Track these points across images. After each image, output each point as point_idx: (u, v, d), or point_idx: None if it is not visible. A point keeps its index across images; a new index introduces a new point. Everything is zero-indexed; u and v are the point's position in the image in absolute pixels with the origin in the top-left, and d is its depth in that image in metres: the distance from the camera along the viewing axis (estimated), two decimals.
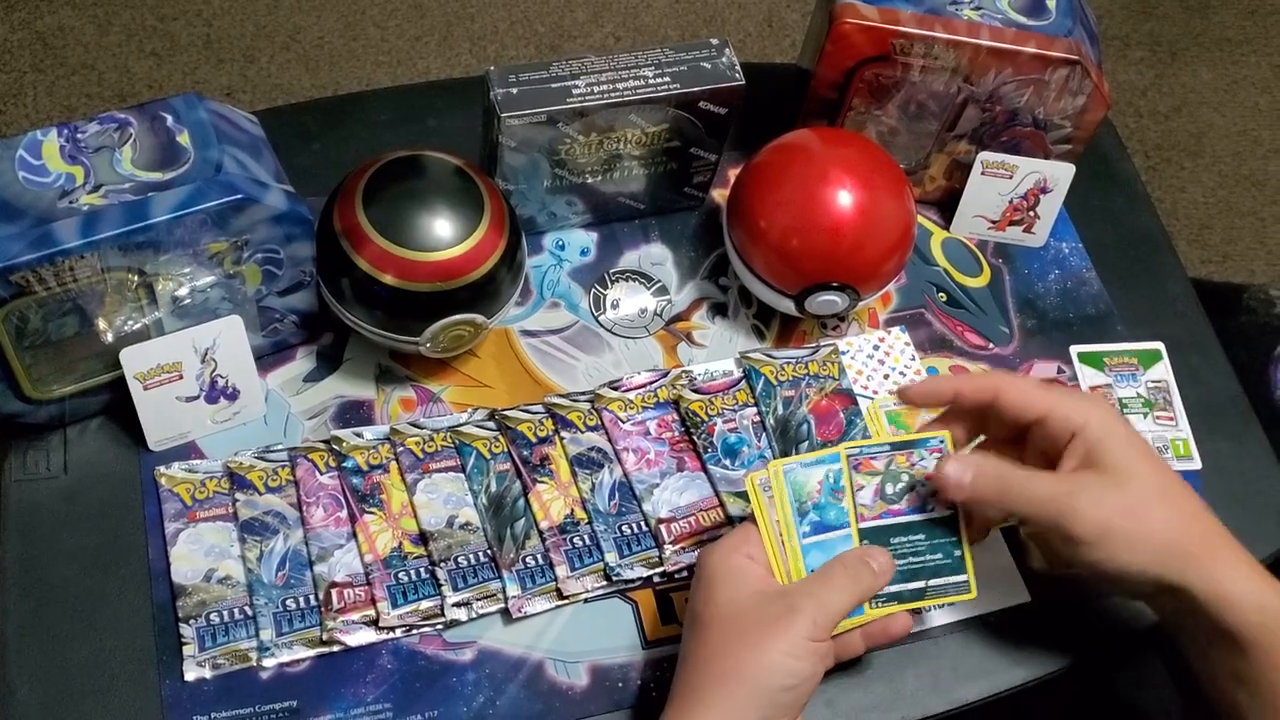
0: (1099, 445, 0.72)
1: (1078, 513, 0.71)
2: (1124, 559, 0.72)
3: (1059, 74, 0.88)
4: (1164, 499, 0.73)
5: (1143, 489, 0.72)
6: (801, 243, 0.86)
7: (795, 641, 0.68)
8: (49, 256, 0.69)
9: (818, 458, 0.75)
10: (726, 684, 0.68)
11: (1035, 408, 0.74)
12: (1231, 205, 2.08)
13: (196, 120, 0.75)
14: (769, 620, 0.69)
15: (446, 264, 0.79)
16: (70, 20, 2.00)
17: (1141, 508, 0.72)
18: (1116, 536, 0.71)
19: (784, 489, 0.74)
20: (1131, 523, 0.71)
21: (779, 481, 0.74)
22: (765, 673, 0.68)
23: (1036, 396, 0.74)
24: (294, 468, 0.82)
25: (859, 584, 0.72)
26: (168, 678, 0.75)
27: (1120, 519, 0.71)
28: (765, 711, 0.68)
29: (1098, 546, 0.71)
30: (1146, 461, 0.73)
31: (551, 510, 0.82)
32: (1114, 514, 0.71)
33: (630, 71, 0.85)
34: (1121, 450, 0.72)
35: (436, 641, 0.78)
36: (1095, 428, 0.73)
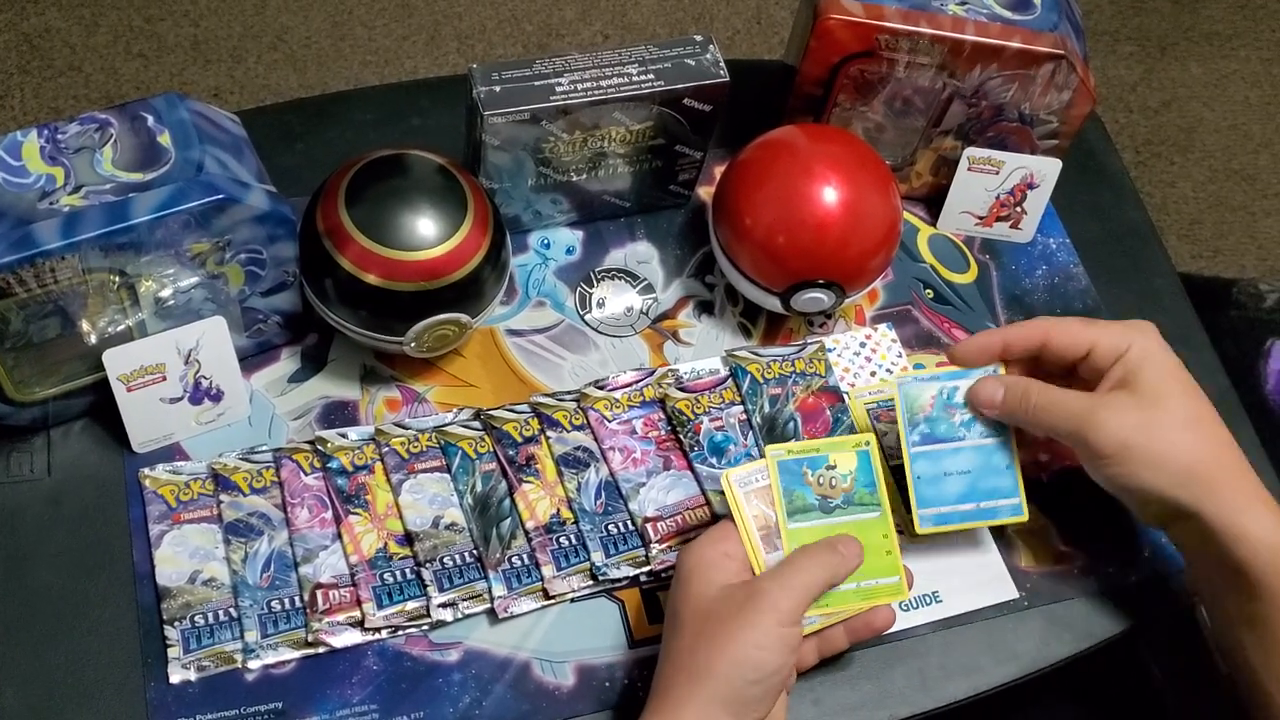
0: (1136, 368, 0.74)
1: (1099, 427, 0.73)
2: (1142, 477, 0.73)
3: (1045, 69, 0.88)
4: (1192, 425, 0.74)
5: (1171, 413, 0.74)
6: (787, 240, 0.85)
7: (760, 630, 0.68)
8: (29, 258, 0.69)
9: (933, 374, 0.80)
10: (694, 683, 0.68)
11: (1082, 342, 0.77)
12: (1221, 200, 2.09)
13: (177, 120, 0.75)
14: (733, 611, 0.69)
15: (430, 263, 0.79)
16: (56, 21, 2.00)
17: (1166, 430, 0.73)
18: (1135, 454, 0.73)
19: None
20: (1153, 442, 0.73)
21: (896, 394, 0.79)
22: (731, 668, 0.67)
23: (1082, 331, 0.77)
24: (279, 469, 0.81)
25: (824, 566, 0.71)
26: (152, 680, 0.74)
27: (1141, 437, 0.73)
28: (734, 708, 0.68)
29: (1116, 461, 0.73)
30: (1181, 387, 0.75)
31: (537, 510, 0.82)
32: (1135, 431, 0.73)
33: (614, 69, 0.85)
34: (1156, 374, 0.74)
35: (422, 642, 0.78)
36: (1136, 351, 0.75)
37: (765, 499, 0.75)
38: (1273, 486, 0.91)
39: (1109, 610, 0.84)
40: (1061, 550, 0.86)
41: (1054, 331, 0.78)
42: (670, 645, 0.71)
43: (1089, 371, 0.78)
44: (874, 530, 0.76)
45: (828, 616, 0.75)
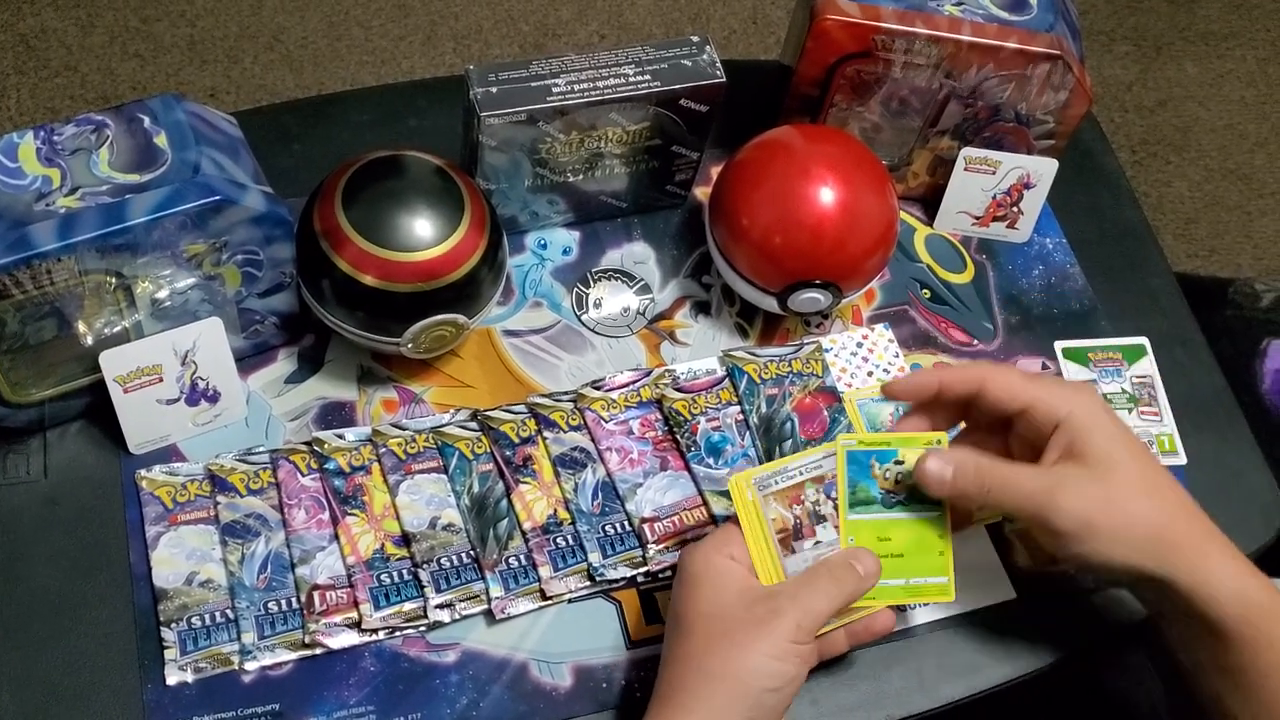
0: (1081, 436, 0.72)
1: (1059, 507, 0.71)
2: (1106, 552, 0.71)
3: (1041, 69, 0.88)
4: (1147, 491, 0.72)
5: (1125, 481, 0.72)
6: (784, 240, 0.85)
7: (778, 644, 0.68)
8: (25, 259, 0.69)
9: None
10: (710, 684, 0.68)
11: (1019, 399, 0.74)
12: (1217, 199, 2.09)
13: (174, 121, 0.75)
14: (752, 622, 0.69)
15: (427, 264, 0.79)
16: (53, 22, 1.99)
17: (1124, 500, 0.71)
18: (1098, 529, 0.71)
19: None
20: (1114, 515, 0.71)
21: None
22: (748, 674, 0.67)
23: (1020, 387, 0.74)
24: (275, 470, 0.81)
25: (844, 587, 0.71)
26: (149, 682, 0.74)
27: (1102, 512, 0.71)
28: (749, 713, 0.68)
29: (1080, 540, 0.71)
30: (1130, 452, 0.73)
31: (534, 511, 0.82)
32: (1095, 507, 0.71)
33: (611, 69, 0.85)
34: (1104, 441, 0.72)
35: (419, 643, 0.78)
36: (1078, 418, 0.72)
37: (786, 501, 0.74)
38: (1270, 486, 0.92)
39: (1105, 610, 0.84)
40: None
41: (991, 384, 0.75)
42: (676, 648, 0.70)
43: (1025, 428, 0.75)
44: (931, 529, 0.75)
45: (868, 607, 0.74)
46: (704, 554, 0.72)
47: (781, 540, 0.73)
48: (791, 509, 0.74)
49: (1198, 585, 0.71)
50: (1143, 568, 0.71)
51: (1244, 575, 0.71)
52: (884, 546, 0.74)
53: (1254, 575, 0.72)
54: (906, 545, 0.75)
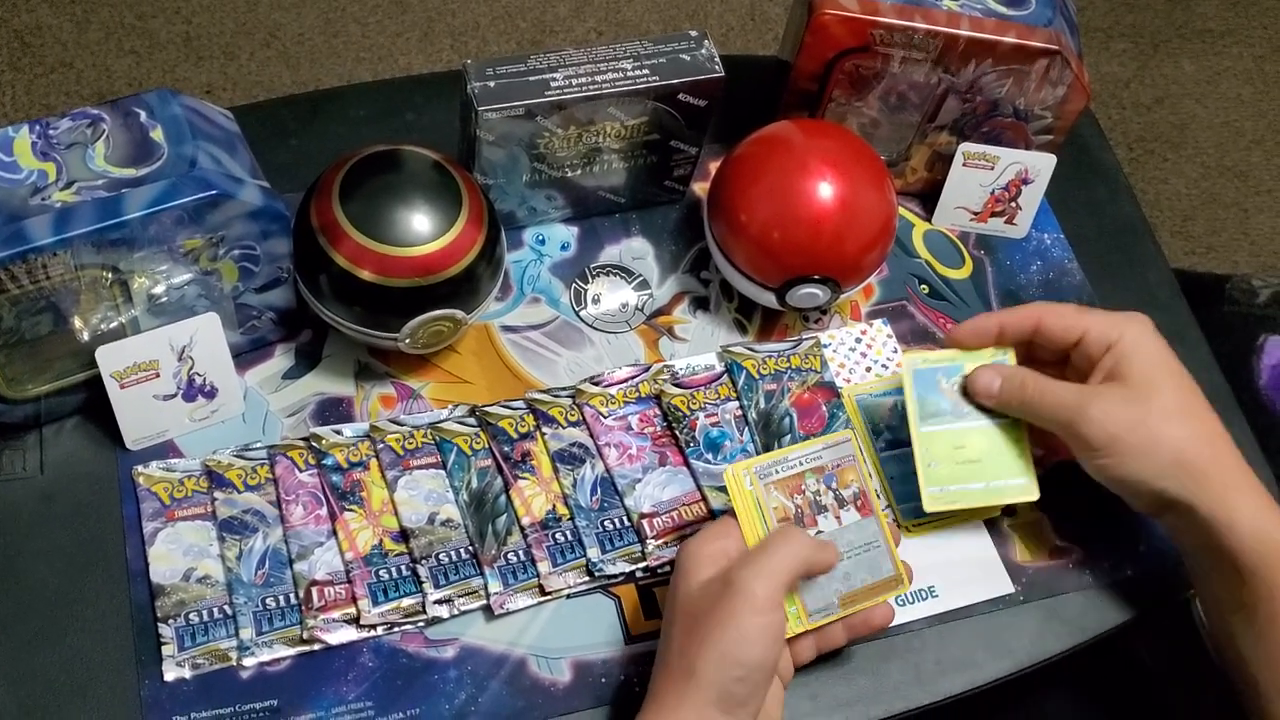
0: (1126, 359, 0.75)
1: (1089, 420, 0.74)
2: (1131, 468, 0.74)
3: (1039, 64, 0.88)
4: (1181, 416, 0.75)
5: (1160, 404, 0.74)
6: (782, 235, 0.85)
7: (741, 625, 0.67)
8: (21, 254, 0.69)
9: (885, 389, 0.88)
10: (684, 684, 0.68)
11: (1074, 329, 0.78)
12: (1214, 196, 2.09)
13: (170, 116, 0.75)
14: (711, 605, 0.68)
15: (425, 259, 0.79)
16: (48, 18, 1.99)
17: (1156, 422, 0.74)
18: (1125, 447, 0.74)
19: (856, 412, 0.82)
20: (1142, 435, 0.74)
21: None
22: (716, 669, 0.67)
23: (1075, 318, 0.78)
24: (273, 466, 0.81)
25: (798, 549, 0.70)
26: (147, 678, 0.74)
27: (1130, 430, 0.74)
28: (725, 706, 0.67)
29: (1106, 453, 0.74)
30: (1172, 378, 0.76)
31: (533, 506, 0.82)
32: (1125, 424, 0.74)
33: (609, 64, 0.85)
34: (1147, 365, 0.75)
35: (418, 639, 0.78)
36: (1126, 342, 0.76)
37: (787, 490, 0.75)
38: (1267, 480, 0.91)
39: (1105, 604, 0.84)
40: (1057, 544, 0.86)
41: (1047, 317, 0.79)
42: (662, 645, 0.71)
43: (1081, 359, 0.78)
44: (1006, 434, 0.79)
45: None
46: (692, 546, 0.72)
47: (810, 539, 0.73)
48: (792, 498, 0.75)
49: (1219, 516, 0.72)
50: (1165, 491, 0.73)
51: (1267, 513, 0.73)
52: (959, 454, 0.80)
53: (1277, 516, 0.73)
54: (982, 451, 0.80)
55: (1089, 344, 0.77)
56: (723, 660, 0.67)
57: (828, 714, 0.79)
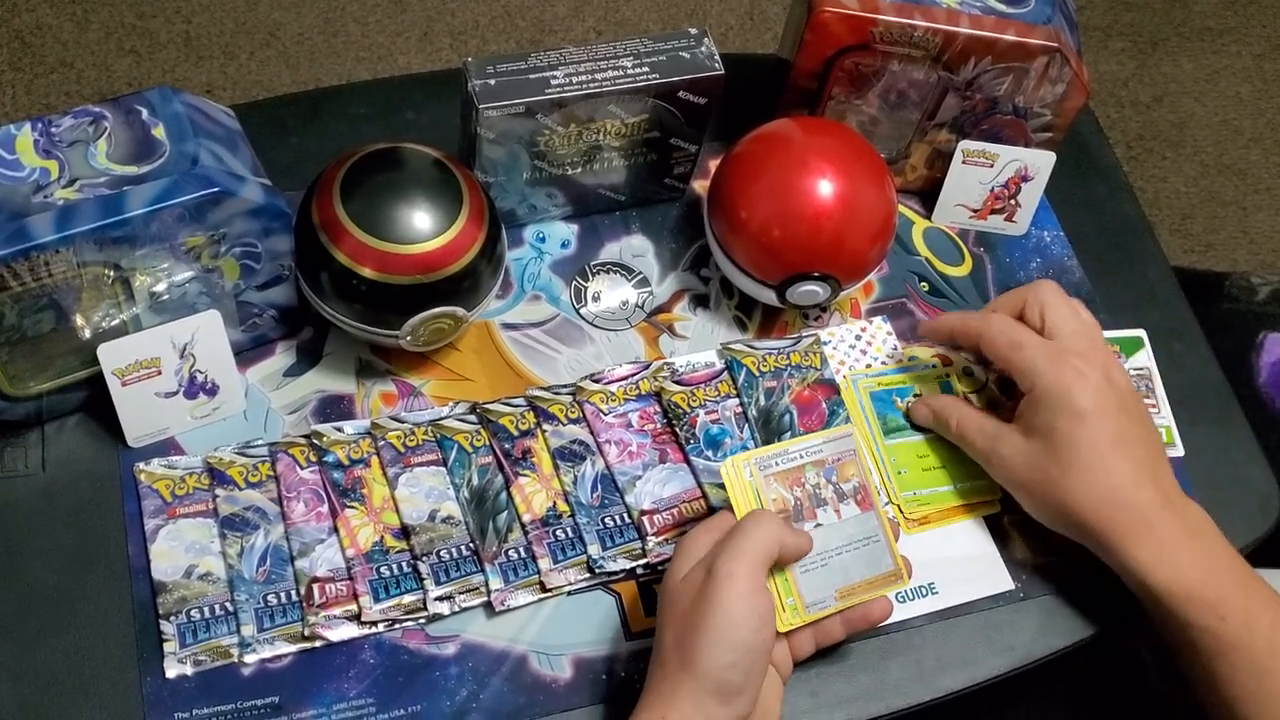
0: (1037, 407, 0.79)
1: (998, 460, 0.81)
2: (1039, 514, 0.80)
3: (1038, 61, 0.88)
4: (1079, 472, 0.77)
5: (1061, 460, 0.77)
6: (782, 233, 0.85)
7: (724, 606, 0.67)
8: (23, 251, 0.69)
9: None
10: (678, 675, 0.68)
11: (1003, 360, 0.82)
12: (1213, 195, 2.09)
13: (172, 114, 0.75)
14: (694, 593, 0.69)
15: (426, 256, 0.79)
16: (48, 18, 1.99)
17: (1054, 478, 0.78)
18: (1026, 495, 0.80)
19: None
20: (1041, 490, 0.79)
21: None
22: (709, 656, 0.67)
23: (1004, 349, 0.81)
24: (274, 463, 0.81)
25: (774, 525, 0.70)
26: (149, 675, 0.74)
27: (1030, 482, 0.79)
28: (721, 695, 0.67)
29: (1015, 494, 0.81)
30: (1088, 434, 0.77)
31: (534, 503, 0.82)
32: (1024, 474, 0.79)
33: (609, 62, 0.85)
34: (1059, 417, 0.77)
35: (419, 635, 0.78)
36: (1039, 392, 0.79)
37: (787, 483, 0.75)
38: (1268, 478, 0.92)
39: (1105, 601, 0.84)
40: (1057, 541, 0.86)
41: (983, 341, 0.82)
42: (657, 639, 0.71)
43: None
44: None
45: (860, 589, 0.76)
46: (686, 540, 0.73)
47: (784, 520, 0.74)
48: (792, 490, 0.75)
49: (1129, 568, 0.76)
50: (1075, 537, 0.79)
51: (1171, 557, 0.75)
52: (925, 462, 0.87)
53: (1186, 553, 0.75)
54: (945, 459, 0.87)
55: (1016, 376, 0.81)
56: (713, 648, 0.67)
57: (829, 711, 0.79)
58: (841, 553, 0.75)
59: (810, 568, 0.75)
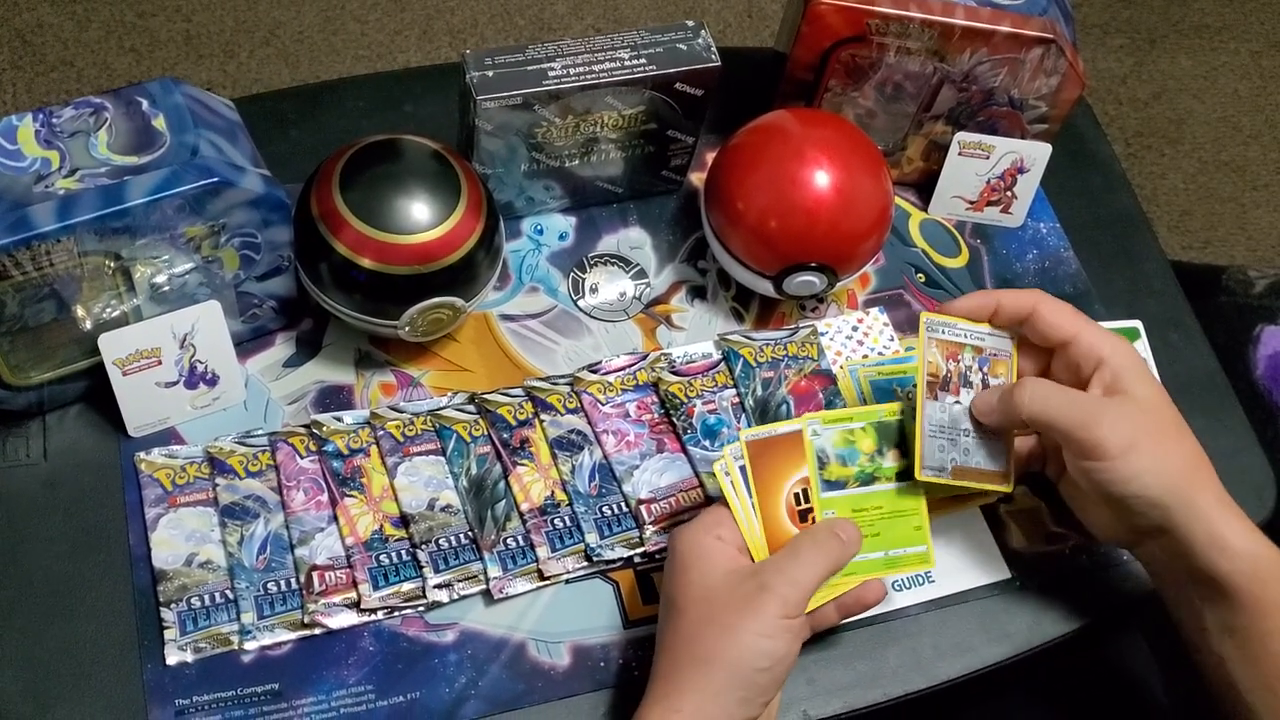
0: (1124, 374, 0.75)
1: (1111, 424, 0.73)
2: (1141, 478, 0.73)
3: (1034, 53, 0.89)
4: (1179, 435, 0.75)
5: (1162, 420, 0.75)
6: (779, 223, 0.86)
7: (767, 621, 0.68)
8: (25, 240, 0.69)
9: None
10: (703, 669, 0.68)
11: (1066, 329, 0.77)
12: (1212, 191, 2.09)
13: (172, 105, 0.75)
14: (740, 601, 0.69)
15: (424, 247, 0.79)
16: (49, 17, 2.00)
17: (1161, 435, 0.74)
18: (1141, 453, 0.73)
19: None
20: (1155, 445, 0.73)
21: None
22: (740, 654, 0.68)
23: (1069, 319, 0.77)
24: (274, 452, 0.82)
25: (828, 557, 0.72)
26: (149, 662, 0.75)
27: (1146, 439, 0.73)
28: (743, 693, 0.68)
29: (1121, 461, 0.73)
30: (1164, 399, 0.76)
31: (532, 492, 0.82)
32: (1143, 429, 0.73)
33: (606, 54, 0.85)
34: (1143, 383, 0.75)
35: (418, 623, 0.78)
36: (1120, 357, 0.76)
37: (945, 352, 0.77)
38: (1263, 466, 0.92)
39: (1100, 590, 0.85)
40: (1053, 531, 0.87)
41: (1043, 309, 0.78)
42: (670, 632, 0.71)
43: (1066, 365, 0.78)
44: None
45: (846, 582, 0.76)
46: (692, 535, 0.73)
47: (930, 385, 0.76)
48: (948, 362, 0.77)
49: (1214, 536, 0.72)
50: (1165, 505, 0.73)
51: (1253, 535, 0.73)
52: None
53: (1261, 536, 0.73)
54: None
55: (1078, 351, 0.76)
56: (748, 650, 0.68)
57: (826, 698, 0.79)
58: (970, 435, 0.77)
59: (938, 436, 0.76)
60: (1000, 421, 0.77)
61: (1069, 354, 0.77)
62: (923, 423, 0.77)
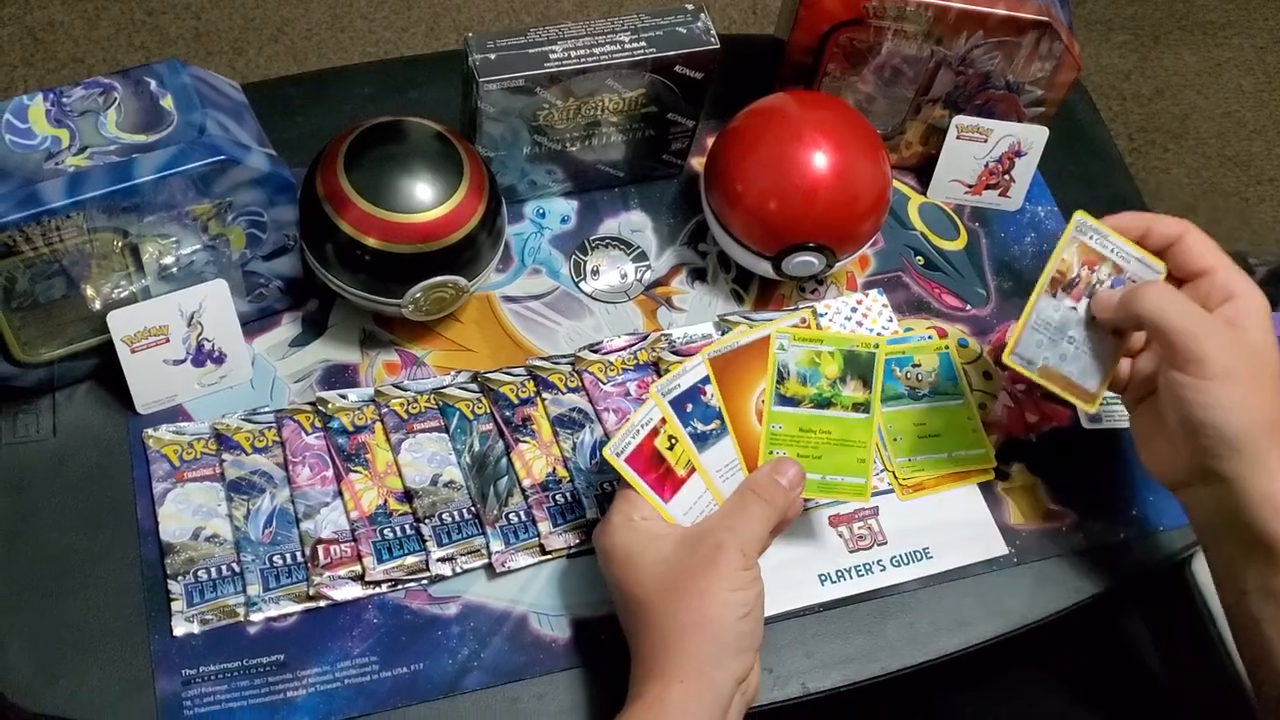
0: (1247, 315, 0.75)
1: (1221, 345, 0.73)
2: (1226, 408, 0.72)
3: (1030, 36, 0.90)
4: (1275, 389, 0.74)
5: (1266, 367, 0.75)
6: (778, 204, 0.87)
7: (732, 576, 0.70)
8: (35, 216, 0.70)
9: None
10: (690, 637, 0.69)
11: (1208, 259, 0.78)
12: (1215, 186, 2.10)
13: (180, 85, 0.76)
14: (703, 563, 0.71)
15: (428, 226, 0.80)
16: (60, 15, 2.01)
17: (1260, 380, 0.73)
18: (1236, 384, 0.72)
19: None
20: (1251, 384, 0.73)
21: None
22: (720, 612, 0.69)
23: (1213, 252, 0.79)
24: (280, 429, 0.83)
25: (774, 503, 0.74)
26: (156, 633, 0.76)
27: (1247, 374, 0.73)
28: (734, 645, 0.69)
29: (1216, 382, 0.72)
30: (1273, 353, 0.75)
31: (534, 468, 0.83)
32: (1244, 361, 0.73)
33: (607, 36, 0.86)
34: (1262, 331, 0.75)
35: (422, 596, 0.79)
36: (1251, 300, 0.76)
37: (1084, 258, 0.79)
38: None
39: (1097, 566, 0.86)
40: (1050, 508, 0.87)
41: (1191, 236, 0.79)
42: (641, 624, 0.72)
43: (1195, 295, 0.78)
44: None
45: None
46: (618, 529, 0.73)
47: (1053, 281, 0.79)
48: (1082, 269, 0.79)
49: (1271, 495, 0.72)
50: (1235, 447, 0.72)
51: None
52: (921, 429, 0.85)
53: None
54: (941, 426, 0.85)
55: (1213, 283, 0.77)
56: (724, 608, 0.69)
57: (824, 672, 0.80)
58: (1073, 343, 0.79)
59: (1040, 330, 0.78)
60: (1116, 317, 0.78)
61: (1203, 285, 0.78)
62: (1030, 312, 0.78)
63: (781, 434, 0.78)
